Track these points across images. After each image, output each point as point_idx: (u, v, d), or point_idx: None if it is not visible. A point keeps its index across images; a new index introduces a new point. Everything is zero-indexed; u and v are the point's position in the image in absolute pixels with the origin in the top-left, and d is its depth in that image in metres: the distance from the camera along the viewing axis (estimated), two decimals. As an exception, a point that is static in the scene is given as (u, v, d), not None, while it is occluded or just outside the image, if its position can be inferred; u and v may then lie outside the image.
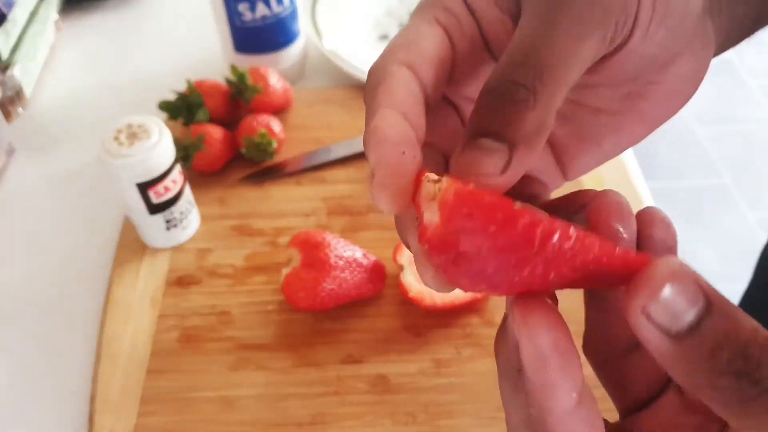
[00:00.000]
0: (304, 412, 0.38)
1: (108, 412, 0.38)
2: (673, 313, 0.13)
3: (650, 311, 0.13)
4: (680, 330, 0.13)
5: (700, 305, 0.13)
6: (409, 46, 0.18)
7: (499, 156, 0.15)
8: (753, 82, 1.66)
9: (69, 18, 0.68)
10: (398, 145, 0.16)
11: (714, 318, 0.13)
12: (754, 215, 1.37)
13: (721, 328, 0.13)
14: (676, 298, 0.13)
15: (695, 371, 0.13)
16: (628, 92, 0.20)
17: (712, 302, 0.13)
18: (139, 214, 0.44)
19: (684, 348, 0.13)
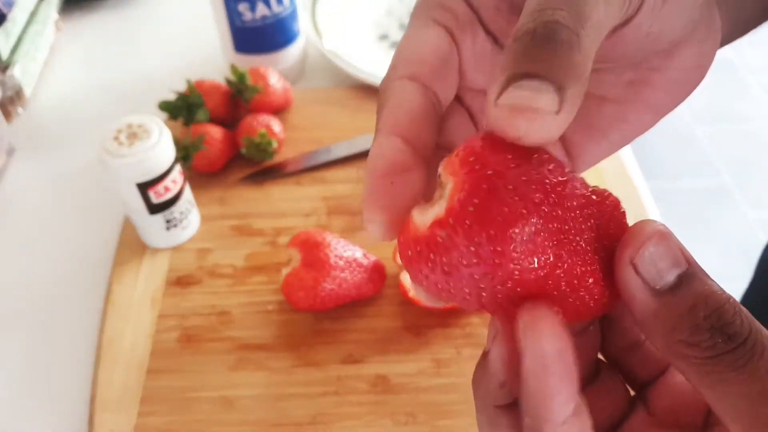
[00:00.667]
0: (304, 412, 0.38)
1: (108, 411, 0.38)
2: (658, 269, 0.14)
3: (638, 264, 0.15)
4: (663, 286, 0.14)
5: (683, 267, 0.15)
6: (411, 56, 0.17)
7: (550, 95, 0.13)
8: (752, 79, 1.66)
9: (69, 18, 0.68)
10: (386, 177, 0.16)
11: (694, 280, 0.15)
12: (754, 214, 1.37)
13: (700, 290, 0.14)
14: (661, 256, 0.15)
15: (673, 328, 0.14)
16: (632, 79, 0.20)
17: (694, 268, 0.15)
18: (139, 214, 0.44)
19: (665, 304, 0.14)
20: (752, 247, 1.29)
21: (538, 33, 0.14)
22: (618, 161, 0.52)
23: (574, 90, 0.14)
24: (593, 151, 0.22)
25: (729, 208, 1.38)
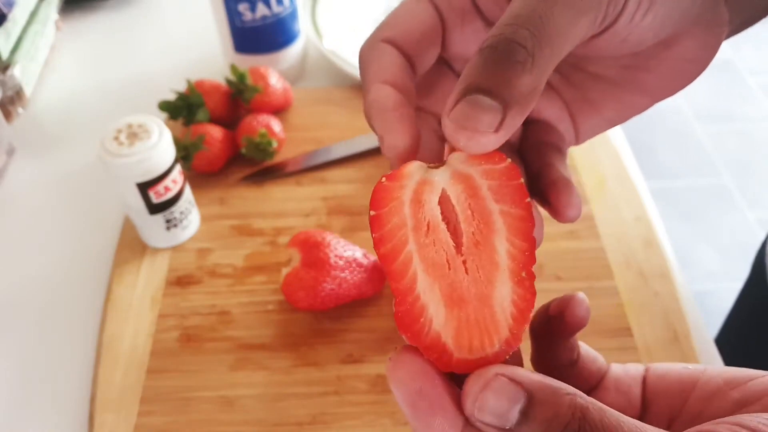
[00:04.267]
0: (304, 411, 0.38)
1: (108, 411, 0.38)
2: (499, 414, 0.15)
3: (482, 419, 0.16)
4: (512, 426, 0.15)
5: (522, 401, 0.15)
6: (394, 24, 0.19)
7: (493, 113, 0.16)
8: (752, 80, 1.66)
9: (69, 18, 0.68)
10: (396, 110, 0.18)
11: (536, 408, 0.15)
12: (754, 214, 1.37)
13: (544, 415, 0.15)
14: (496, 403, 0.15)
15: None
16: (629, 63, 0.21)
17: (533, 394, 0.15)
18: (139, 213, 0.44)
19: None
20: (752, 247, 1.29)
21: (497, 50, 0.16)
22: (618, 161, 0.52)
23: (516, 109, 0.16)
24: (589, 124, 0.22)
25: (729, 208, 1.38)
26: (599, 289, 0.44)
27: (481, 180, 0.17)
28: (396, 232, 0.17)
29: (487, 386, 0.16)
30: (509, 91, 0.16)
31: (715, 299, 1.20)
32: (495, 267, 0.17)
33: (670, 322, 0.42)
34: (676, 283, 0.44)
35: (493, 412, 0.15)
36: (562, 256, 0.45)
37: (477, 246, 0.17)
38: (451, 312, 0.17)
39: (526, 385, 0.15)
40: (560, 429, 0.15)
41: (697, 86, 1.71)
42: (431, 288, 0.17)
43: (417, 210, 0.17)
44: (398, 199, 0.17)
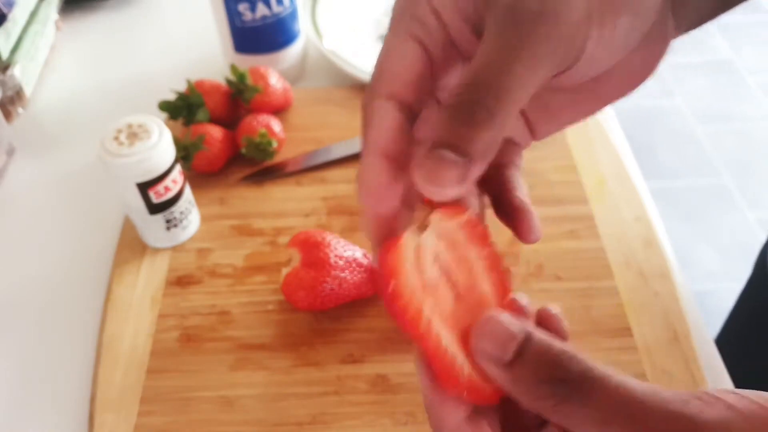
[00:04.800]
0: (304, 411, 0.38)
1: (108, 411, 0.38)
2: (499, 345, 0.18)
3: (483, 347, 0.18)
4: (509, 358, 0.18)
5: (521, 336, 0.18)
6: (390, 74, 0.20)
7: (458, 168, 0.17)
8: (752, 80, 1.66)
9: (69, 18, 0.68)
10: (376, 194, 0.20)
11: (532, 345, 0.18)
12: (754, 214, 1.37)
13: (537, 350, 0.18)
14: (501, 332, 0.18)
15: (527, 388, 0.17)
16: (584, 80, 0.22)
17: (531, 335, 0.18)
18: (139, 213, 0.44)
19: (515, 372, 0.18)
20: (752, 247, 1.29)
21: (460, 110, 0.17)
22: (618, 161, 0.52)
23: (479, 162, 0.18)
24: (543, 128, 0.24)
25: (729, 208, 1.38)
26: (599, 289, 0.44)
27: (457, 233, 0.21)
28: (412, 301, 0.20)
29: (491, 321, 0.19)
30: (472, 147, 0.17)
31: (715, 299, 1.20)
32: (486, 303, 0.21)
33: (670, 322, 0.42)
34: (676, 283, 0.44)
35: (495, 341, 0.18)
36: (562, 256, 0.45)
37: (469, 290, 0.21)
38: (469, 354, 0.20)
39: (524, 326, 0.18)
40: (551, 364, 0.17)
41: (697, 86, 1.70)
42: (452, 340, 0.20)
43: (421, 276, 0.20)
44: (404, 272, 0.20)
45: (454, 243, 0.21)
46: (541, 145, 0.53)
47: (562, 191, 0.50)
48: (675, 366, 0.39)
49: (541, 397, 0.17)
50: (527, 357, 0.17)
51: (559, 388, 0.16)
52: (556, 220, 0.48)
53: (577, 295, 0.43)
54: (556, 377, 0.17)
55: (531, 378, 0.17)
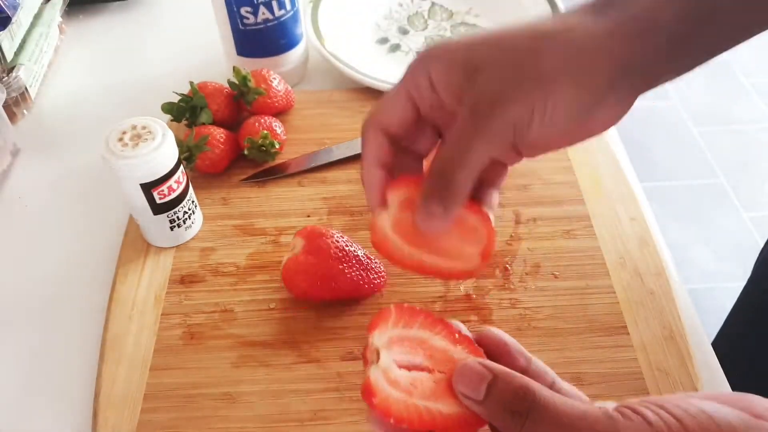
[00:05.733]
0: (306, 408, 0.39)
1: (112, 408, 0.39)
2: (473, 388, 0.24)
3: (463, 390, 0.24)
4: (481, 396, 0.23)
5: (488, 379, 0.23)
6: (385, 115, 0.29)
7: (439, 213, 0.27)
8: (748, 82, 1.67)
9: (73, 20, 0.68)
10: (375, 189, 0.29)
11: (497, 384, 0.23)
12: (750, 215, 1.38)
13: (502, 388, 0.23)
14: (472, 380, 0.24)
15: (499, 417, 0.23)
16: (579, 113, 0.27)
17: (497, 375, 0.23)
18: (143, 214, 0.44)
19: (487, 406, 0.23)
20: (748, 248, 1.30)
21: (435, 176, 0.27)
22: (613, 162, 0.53)
23: (454, 207, 0.27)
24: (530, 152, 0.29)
25: (725, 209, 1.39)
26: (595, 288, 0.44)
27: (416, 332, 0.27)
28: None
29: (465, 367, 0.24)
30: (446, 200, 0.27)
31: (710, 298, 1.21)
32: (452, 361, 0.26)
33: (666, 320, 0.42)
34: (672, 282, 0.45)
35: (469, 388, 0.24)
36: (559, 255, 0.46)
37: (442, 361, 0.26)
38: None
39: (491, 368, 0.24)
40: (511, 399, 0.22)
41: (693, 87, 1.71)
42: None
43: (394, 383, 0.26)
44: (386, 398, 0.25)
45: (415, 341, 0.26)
46: (539, 146, 0.54)
47: (559, 191, 0.50)
48: (670, 364, 0.40)
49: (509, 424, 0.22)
50: (494, 395, 0.23)
51: (520, 417, 0.22)
52: (552, 220, 0.48)
53: (573, 294, 0.44)
54: (516, 409, 0.22)
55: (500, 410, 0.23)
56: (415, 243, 0.28)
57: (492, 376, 0.23)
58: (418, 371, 0.25)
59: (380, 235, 0.29)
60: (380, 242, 0.29)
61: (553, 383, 0.26)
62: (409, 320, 0.26)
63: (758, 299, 0.64)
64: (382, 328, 0.26)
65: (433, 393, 0.25)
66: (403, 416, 0.24)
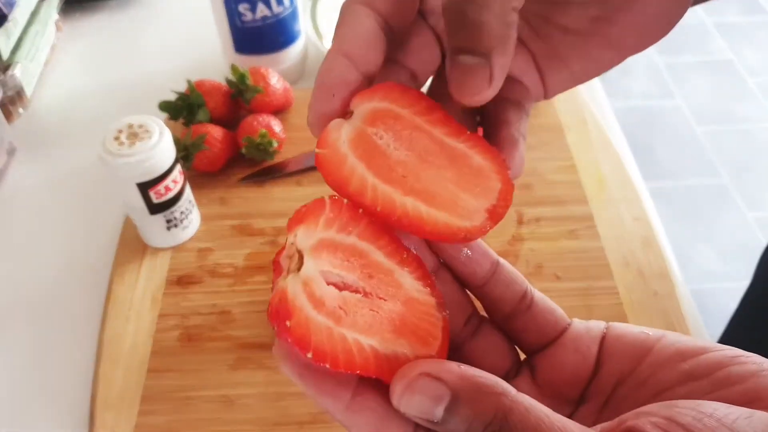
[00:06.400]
0: (305, 410, 0.38)
1: (109, 410, 0.39)
2: (424, 412, 0.16)
3: (411, 416, 0.16)
4: (438, 420, 0.16)
5: (446, 400, 0.16)
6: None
7: (481, 70, 0.17)
8: (752, 81, 1.66)
9: (69, 18, 0.68)
10: (329, 89, 0.19)
11: (460, 407, 0.16)
12: (753, 215, 1.37)
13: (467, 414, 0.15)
14: (421, 401, 0.16)
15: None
16: (597, 15, 0.21)
17: (458, 393, 0.16)
18: (139, 213, 0.44)
19: (446, 429, 0.16)
20: (752, 248, 1.29)
21: (452, 13, 0.17)
22: (617, 161, 0.52)
23: (498, 53, 0.17)
24: (555, 78, 0.22)
25: (728, 208, 1.38)
26: (598, 289, 0.44)
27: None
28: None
29: (411, 386, 0.16)
30: (482, 44, 0.17)
31: (713, 299, 1.20)
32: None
33: (669, 321, 0.42)
34: (675, 283, 0.44)
35: (418, 410, 0.16)
36: (562, 255, 0.46)
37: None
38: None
39: (450, 384, 0.16)
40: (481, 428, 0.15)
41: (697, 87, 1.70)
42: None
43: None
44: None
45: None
46: (541, 144, 0.53)
47: (562, 191, 0.50)
48: (674, 365, 0.40)
49: None
50: (455, 422, 0.16)
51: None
52: (555, 220, 0.48)
53: (576, 295, 0.43)
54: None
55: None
56: (387, 176, 0.18)
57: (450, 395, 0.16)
58: (350, 293, 0.18)
59: (332, 151, 0.19)
60: (330, 162, 0.19)
61: (525, 295, 0.21)
62: (348, 223, 0.19)
63: (761, 300, 0.64)
64: (309, 225, 0.19)
65: (368, 325, 0.17)
66: (325, 350, 0.17)
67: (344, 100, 0.19)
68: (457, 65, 0.17)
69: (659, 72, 1.67)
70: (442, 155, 0.19)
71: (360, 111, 0.19)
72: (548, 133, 0.54)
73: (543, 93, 0.23)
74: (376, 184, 0.18)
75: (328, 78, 0.19)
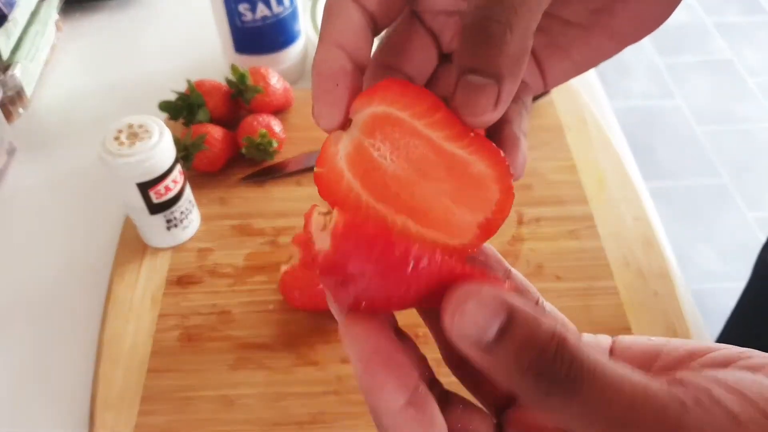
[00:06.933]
0: (305, 411, 0.38)
1: (109, 410, 0.39)
2: (478, 326, 0.15)
3: (459, 328, 0.15)
4: (488, 341, 0.15)
5: (502, 318, 0.15)
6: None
7: (489, 91, 0.17)
8: (752, 81, 1.66)
9: (69, 18, 0.68)
10: (331, 78, 0.19)
11: (515, 329, 0.15)
12: (753, 215, 1.37)
13: (522, 337, 0.15)
14: (478, 314, 0.15)
15: (507, 375, 0.15)
16: (597, 8, 0.21)
17: (514, 315, 0.15)
18: (139, 213, 0.44)
19: (494, 356, 0.15)
20: (752, 248, 1.29)
21: (474, 29, 0.16)
22: (617, 161, 0.52)
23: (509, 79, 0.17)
24: (555, 69, 0.22)
25: (728, 208, 1.38)
26: (599, 289, 0.44)
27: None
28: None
29: (471, 297, 0.15)
30: (497, 66, 0.16)
31: (714, 299, 1.20)
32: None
33: (670, 321, 0.42)
34: (676, 283, 0.44)
35: (471, 326, 0.15)
36: (562, 256, 0.46)
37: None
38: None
39: (508, 303, 0.15)
40: (536, 352, 0.15)
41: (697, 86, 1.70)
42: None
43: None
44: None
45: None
46: (541, 144, 0.53)
47: (562, 191, 0.50)
48: (674, 365, 0.40)
49: (521, 387, 0.15)
50: (508, 343, 0.15)
51: (539, 383, 0.14)
52: (555, 220, 0.48)
53: (576, 295, 0.43)
54: (540, 370, 0.14)
55: (513, 365, 0.15)
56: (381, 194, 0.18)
57: (507, 313, 0.15)
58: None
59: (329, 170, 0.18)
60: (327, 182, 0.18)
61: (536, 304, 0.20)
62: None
63: (759, 298, 0.64)
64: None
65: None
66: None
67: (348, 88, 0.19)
68: (465, 83, 0.17)
69: (659, 72, 1.67)
70: (441, 165, 0.18)
71: (359, 118, 0.18)
72: (548, 133, 0.54)
73: (542, 85, 0.23)
74: (369, 202, 0.18)
75: (327, 67, 0.19)
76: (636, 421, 0.14)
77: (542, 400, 0.15)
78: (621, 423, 0.14)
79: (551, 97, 0.57)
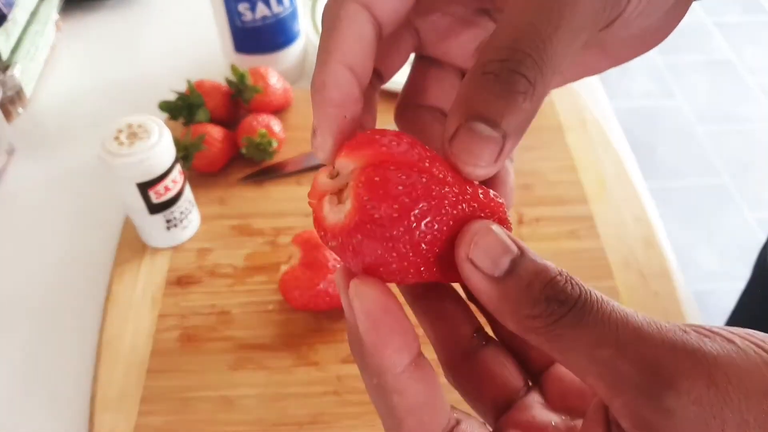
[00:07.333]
0: (304, 411, 0.38)
1: (108, 411, 0.38)
2: (492, 257, 0.16)
3: (474, 258, 0.16)
4: (500, 273, 0.15)
5: (515, 251, 0.16)
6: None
7: (493, 144, 0.16)
8: (753, 80, 1.66)
9: (69, 18, 0.68)
10: (340, 107, 0.18)
11: (526, 261, 0.16)
12: (754, 215, 1.37)
13: (533, 268, 0.15)
14: (493, 245, 0.16)
15: (517, 306, 0.15)
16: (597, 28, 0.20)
17: (524, 250, 0.16)
18: (139, 213, 0.44)
19: (505, 288, 0.15)
20: (751, 248, 1.29)
21: (500, 79, 0.15)
22: (618, 161, 0.52)
23: (514, 138, 0.16)
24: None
25: (729, 209, 1.38)
26: (599, 289, 0.43)
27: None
28: None
29: (486, 230, 0.16)
30: (509, 122, 0.16)
31: (714, 299, 1.20)
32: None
33: (670, 321, 0.42)
34: (676, 284, 0.44)
35: (485, 255, 0.15)
36: (562, 256, 0.46)
37: None
38: None
39: (517, 242, 0.16)
40: (548, 279, 0.15)
41: (697, 86, 1.70)
42: None
43: None
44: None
45: None
46: (541, 145, 0.53)
47: (562, 191, 0.50)
48: (675, 366, 0.39)
49: (530, 317, 0.15)
50: (521, 273, 0.15)
51: (552, 307, 0.15)
52: (556, 220, 0.48)
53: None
54: (550, 296, 0.15)
55: (522, 295, 0.15)
56: None
57: (519, 248, 0.15)
58: None
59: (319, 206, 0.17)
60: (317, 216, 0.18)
61: None
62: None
63: (759, 297, 0.64)
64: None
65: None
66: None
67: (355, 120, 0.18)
68: (469, 130, 0.16)
69: (659, 72, 1.66)
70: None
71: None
72: (548, 133, 0.54)
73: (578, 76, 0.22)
74: None
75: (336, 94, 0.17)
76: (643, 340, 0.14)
77: (552, 330, 0.15)
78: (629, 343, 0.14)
79: (551, 97, 0.57)
